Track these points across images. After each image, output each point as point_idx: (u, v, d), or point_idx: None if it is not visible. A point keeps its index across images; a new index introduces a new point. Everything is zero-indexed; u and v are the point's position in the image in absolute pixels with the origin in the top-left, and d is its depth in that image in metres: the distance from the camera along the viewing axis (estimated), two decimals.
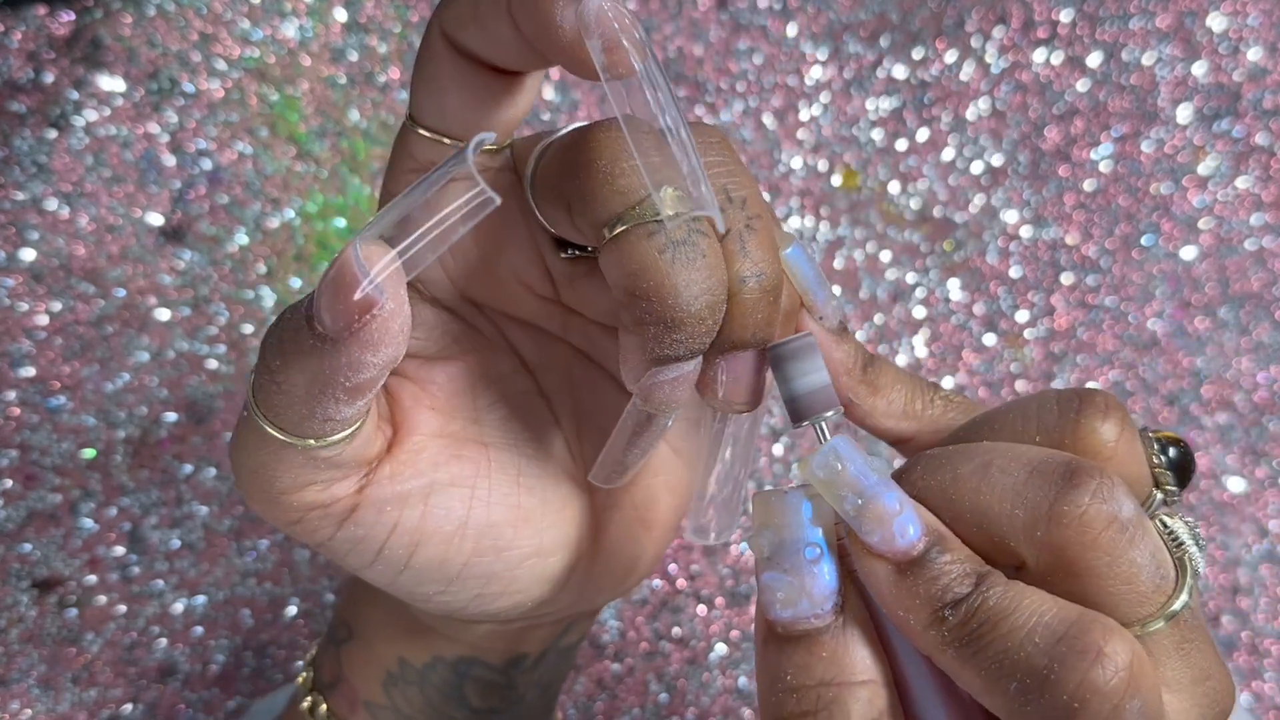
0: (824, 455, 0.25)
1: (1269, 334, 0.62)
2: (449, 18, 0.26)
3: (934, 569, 0.24)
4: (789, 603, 0.24)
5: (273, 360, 0.25)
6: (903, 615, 0.24)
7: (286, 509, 0.28)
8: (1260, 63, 0.64)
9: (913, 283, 0.63)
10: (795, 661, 0.24)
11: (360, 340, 0.23)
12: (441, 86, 0.27)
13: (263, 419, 0.26)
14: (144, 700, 0.57)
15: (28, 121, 0.62)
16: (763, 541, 0.25)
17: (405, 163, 0.29)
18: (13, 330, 0.60)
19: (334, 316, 0.23)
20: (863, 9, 0.65)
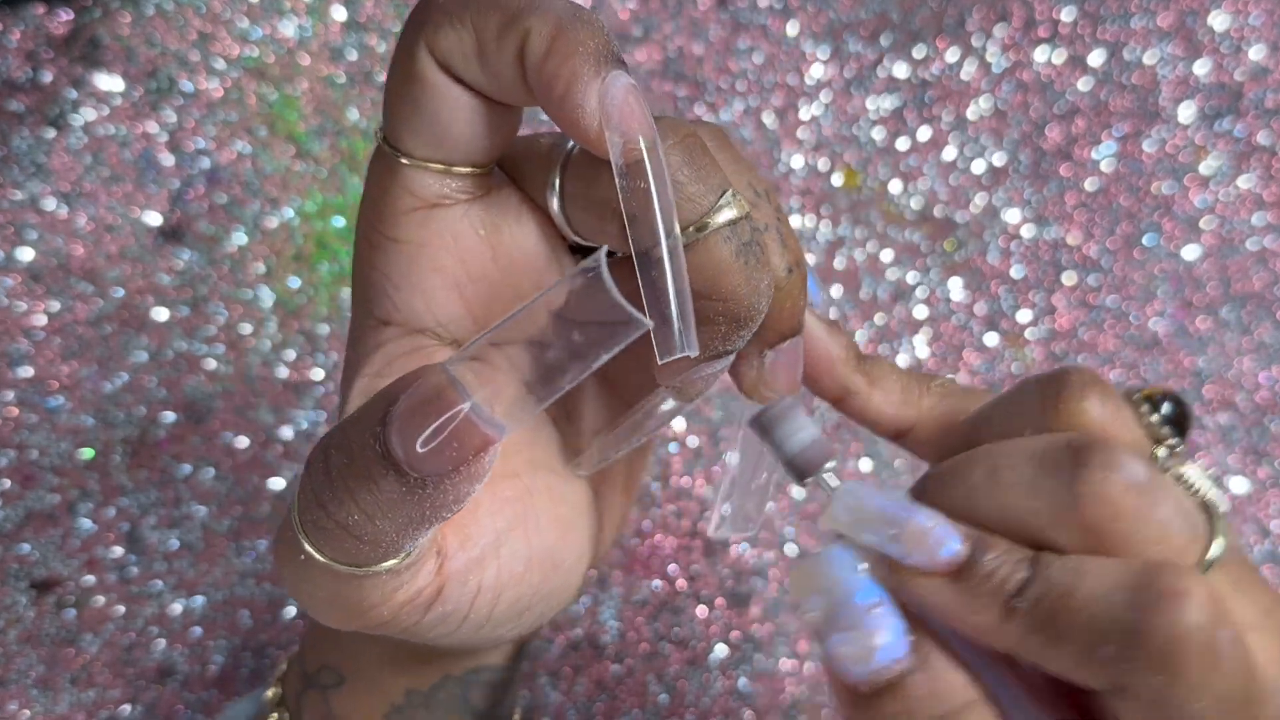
0: (841, 500, 0.25)
1: (1270, 334, 0.62)
2: (443, 47, 0.24)
3: (986, 567, 0.24)
4: (864, 657, 0.24)
5: (343, 514, 0.22)
6: (974, 621, 0.24)
7: (374, 620, 0.26)
8: (1262, 62, 0.64)
9: (914, 282, 0.63)
10: (896, 710, 0.24)
11: (470, 475, 0.21)
12: (436, 115, 0.25)
13: (334, 564, 0.23)
14: (142, 701, 0.57)
15: (26, 121, 0.62)
16: (814, 609, 0.25)
17: (404, 201, 0.26)
18: (11, 330, 0.60)
19: (441, 462, 0.21)
20: (863, 8, 0.65)
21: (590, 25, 0.23)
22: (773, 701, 0.58)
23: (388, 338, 0.27)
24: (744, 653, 0.59)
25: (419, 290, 0.27)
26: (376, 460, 0.21)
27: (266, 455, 0.60)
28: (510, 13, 0.23)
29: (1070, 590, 0.23)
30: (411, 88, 0.25)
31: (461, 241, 0.27)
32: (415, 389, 0.21)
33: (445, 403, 0.20)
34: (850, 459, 0.61)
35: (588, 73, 0.23)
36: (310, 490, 0.22)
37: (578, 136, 0.23)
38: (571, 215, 0.26)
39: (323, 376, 0.61)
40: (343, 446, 0.22)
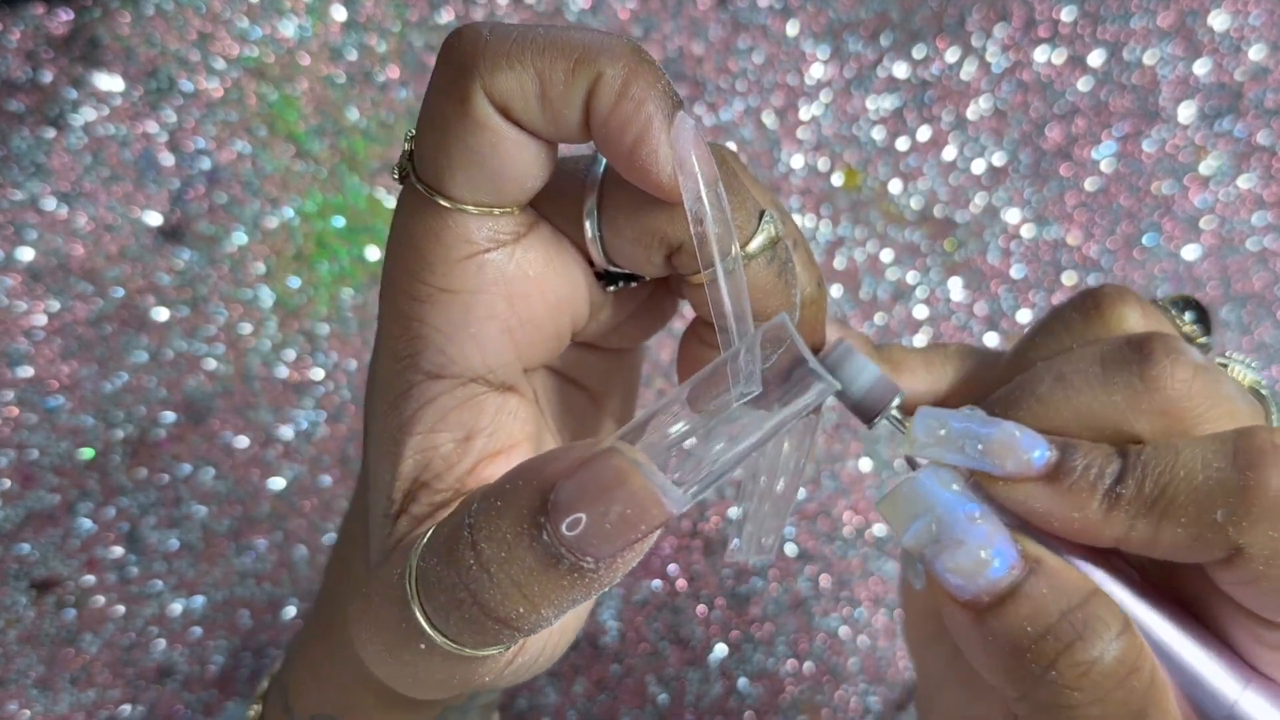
0: (920, 427, 0.26)
1: (1270, 334, 0.62)
2: (502, 90, 0.23)
3: (1079, 464, 0.25)
4: (979, 569, 0.24)
5: (507, 609, 0.21)
6: (1078, 518, 0.24)
7: (474, 688, 0.25)
8: (1262, 62, 0.64)
9: (914, 282, 0.63)
10: (1024, 613, 0.24)
11: (639, 550, 0.21)
12: (492, 159, 0.24)
13: (465, 649, 0.23)
14: (142, 701, 0.57)
15: (26, 120, 0.61)
16: (920, 534, 0.25)
17: (457, 249, 0.25)
18: (11, 330, 0.60)
19: (618, 545, 0.20)
20: (863, 7, 0.65)
21: (654, 67, 0.23)
22: (773, 701, 0.58)
23: (438, 391, 0.26)
24: (744, 653, 0.59)
25: (474, 340, 0.26)
26: (544, 550, 0.20)
27: (266, 455, 0.60)
28: (577, 56, 0.23)
29: (1170, 467, 0.24)
30: (465, 131, 0.24)
31: (513, 285, 0.26)
32: (587, 472, 0.20)
33: (631, 486, 0.20)
34: (850, 459, 0.61)
35: (660, 121, 0.23)
36: (457, 587, 0.21)
37: (646, 184, 0.23)
38: (610, 244, 0.26)
39: (322, 376, 0.61)
40: (495, 538, 0.21)
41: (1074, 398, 0.26)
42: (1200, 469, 0.24)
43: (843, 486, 0.61)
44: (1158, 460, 0.24)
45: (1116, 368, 0.26)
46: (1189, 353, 0.26)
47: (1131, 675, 0.23)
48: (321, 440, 0.60)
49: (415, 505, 0.26)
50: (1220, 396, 0.25)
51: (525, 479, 0.21)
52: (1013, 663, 0.24)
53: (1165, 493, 0.24)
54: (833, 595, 0.59)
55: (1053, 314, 0.29)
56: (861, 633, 0.59)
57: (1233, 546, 0.24)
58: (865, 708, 0.58)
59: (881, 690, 0.59)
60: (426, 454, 0.26)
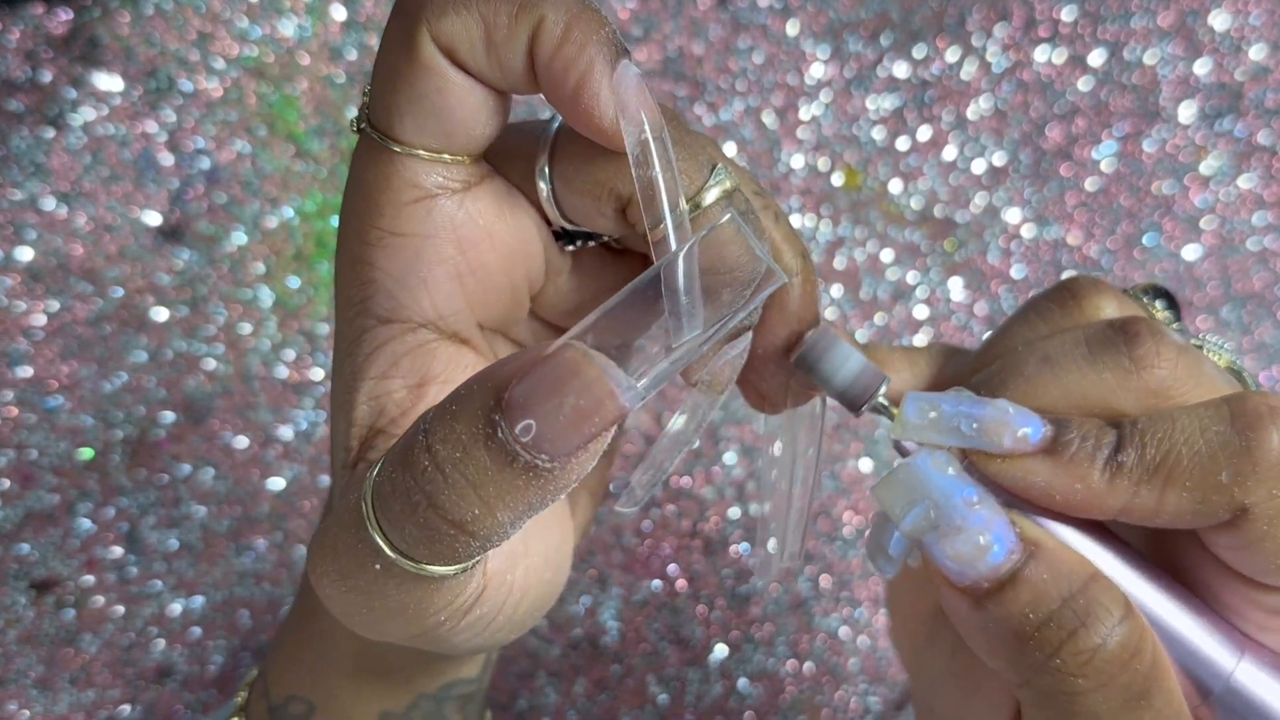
0: (911, 409, 0.25)
1: (1271, 334, 0.62)
2: (448, 33, 0.24)
3: (1074, 436, 0.25)
4: (979, 555, 0.24)
5: (462, 510, 0.21)
6: (1080, 490, 0.25)
7: (428, 629, 0.25)
8: (1263, 61, 0.64)
9: (914, 282, 0.63)
10: (1025, 599, 0.23)
11: (594, 451, 0.20)
12: (439, 103, 0.24)
13: (421, 567, 0.22)
14: (142, 701, 0.57)
15: (25, 120, 0.61)
16: (918, 520, 0.24)
17: (405, 193, 0.26)
18: (10, 330, 0.59)
19: (572, 440, 0.20)
20: (863, 7, 0.65)
21: (598, 15, 0.23)
22: (773, 701, 0.58)
23: (389, 336, 0.27)
24: (744, 653, 0.59)
25: (424, 284, 0.26)
26: (499, 449, 0.20)
27: (266, 455, 0.60)
28: (520, 1, 0.23)
29: (1169, 434, 0.24)
30: (413, 75, 0.24)
31: (462, 231, 0.26)
32: (542, 368, 0.20)
33: (584, 377, 0.20)
34: (850, 459, 0.61)
35: (601, 65, 0.23)
36: (413, 490, 0.21)
37: (589, 129, 0.23)
38: (563, 200, 0.26)
39: (322, 376, 0.61)
40: (450, 439, 0.20)
41: (1063, 377, 0.26)
42: (1200, 433, 0.24)
43: (843, 486, 0.61)
44: (1156, 428, 0.24)
45: (1103, 349, 0.26)
46: (1172, 334, 0.26)
47: (1134, 659, 0.23)
48: (321, 440, 0.60)
49: (372, 452, 0.26)
50: (1203, 375, 0.26)
51: (479, 381, 0.21)
52: (1015, 650, 0.24)
53: (1168, 458, 0.24)
54: (833, 595, 0.59)
55: (1029, 305, 0.29)
56: (861, 633, 0.59)
57: (1238, 508, 0.24)
58: (865, 708, 0.58)
59: (881, 690, 0.59)
60: (380, 400, 0.26)
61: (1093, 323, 0.27)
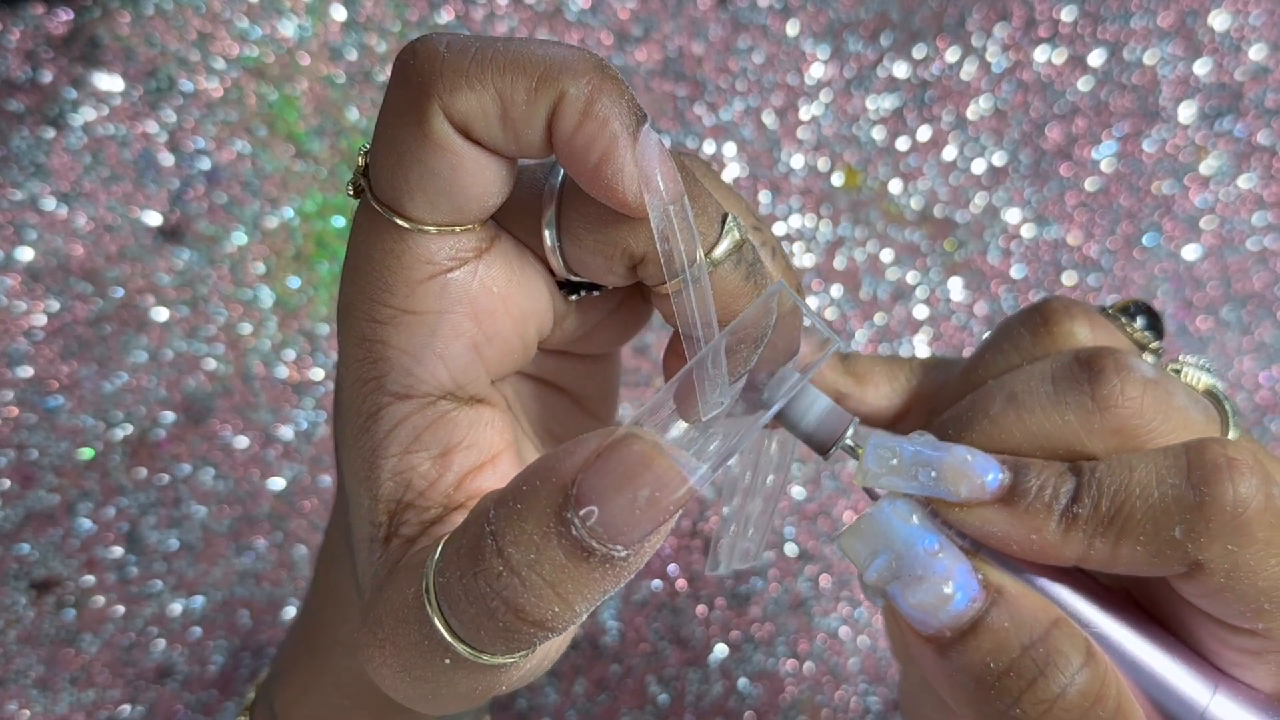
0: (873, 454, 0.25)
1: (1271, 334, 0.62)
2: (462, 110, 0.22)
3: (1033, 484, 0.24)
4: (941, 604, 0.24)
5: (542, 611, 0.21)
6: (1036, 540, 0.24)
7: (496, 693, 0.25)
8: (1262, 61, 0.64)
9: (914, 282, 0.63)
10: (986, 648, 0.23)
11: (664, 532, 0.21)
12: (452, 179, 0.23)
13: (493, 659, 0.22)
14: (142, 701, 0.57)
15: (25, 120, 0.61)
16: (881, 570, 0.24)
17: (418, 270, 0.25)
18: (10, 330, 0.59)
19: (645, 529, 0.20)
20: (863, 7, 0.65)
21: (618, 82, 0.23)
22: (773, 701, 0.58)
23: (408, 411, 0.26)
24: (744, 653, 0.59)
25: (441, 360, 0.25)
26: (574, 545, 0.20)
27: (266, 455, 0.60)
28: (539, 75, 0.22)
29: (1125, 485, 0.24)
30: (424, 153, 0.23)
31: (478, 303, 0.25)
32: (611, 460, 0.20)
33: (656, 469, 0.20)
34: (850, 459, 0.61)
35: (625, 139, 0.22)
36: (489, 596, 0.21)
37: (611, 202, 0.23)
38: (571, 254, 0.25)
39: (322, 376, 0.61)
40: (522, 541, 0.20)
41: (1026, 418, 0.26)
42: (1155, 485, 0.24)
43: (842, 486, 0.61)
44: (1112, 477, 0.24)
45: (1067, 386, 0.26)
46: (1138, 368, 0.25)
47: (1096, 705, 0.23)
48: (321, 440, 0.60)
49: (405, 527, 0.26)
50: (1172, 409, 0.25)
51: (543, 477, 0.21)
52: (977, 697, 0.24)
53: (1121, 511, 0.24)
54: (833, 595, 0.59)
55: (1001, 330, 0.29)
56: (861, 633, 0.59)
57: (1191, 562, 0.24)
58: (865, 708, 0.58)
59: (881, 690, 0.59)
60: (405, 475, 0.26)
61: (1060, 355, 0.27)
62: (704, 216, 0.24)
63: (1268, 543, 0.23)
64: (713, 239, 0.24)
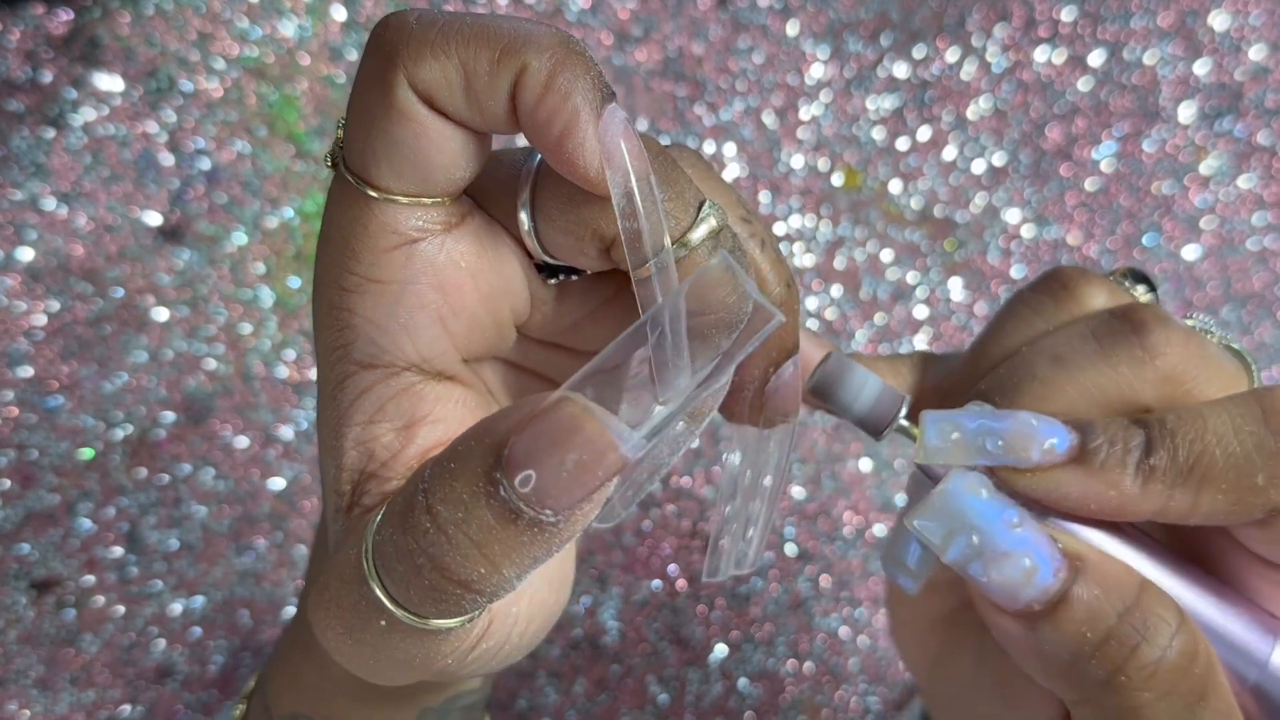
0: (933, 433, 0.25)
1: (1270, 334, 0.62)
2: (425, 79, 0.23)
3: (1102, 441, 0.24)
4: (1027, 578, 0.23)
5: (467, 570, 0.21)
6: (1115, 497, 0.24)
7: (435, 671, 0.25)
8: (1262, 62, 0.64)
9: (914, 282, 0.63)
10: (1080, 619, 0.23)
11: (597, 501, 0.20)
12: (417, 149, 0.24)
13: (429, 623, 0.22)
14: (142, 701, 0.57)
15: (25, 120, 0.61)
16: (964, 550, 0.24)
17: (384, 239, 0.25)
18: (10, 330, 0.59)
19: (576, 494, 0.20)
20: (863, 7, 0.65)
21: (583, 57, 0.23)
22: (773, 701, 0.58)
23: (373, 381, 0.26)
24: (744, 653, 0.59)
25: (405, 330, 0.26)
26: (502, 506, 0.20)
27: (266, 455, 0.60)
28: (502, 46, 0.22)
29: (1200, 435, 0.24)
30: (389, 122, 0.23)
31: (444, 275, 0.25)
32: (542, 423, 0.20)
33: (587, 432, 0.20)
34: (850, 459, 0.61)
35: (587, 113, 0.22)
36: (416, 552, 0.21)
37: (574, 177, 0.23)
38: (545, 236, 0.26)
39: None
40: (451, 499, 0.20)
41: (1077, 375, 0.26)
42: (1233, 434, 0.24)
43: (843, 486, 0.61)
44: (1186, 428, 0.24)
45: (1113, 341, 0.26)
46: (1174, 321, 0.26)
47: (1193, 663, 0.23)
48: None
49: (366, 497, 0.26)
50: (1211, 358, 0.26)
51: (478, 438, 0.21)
52: (1075, 669, 0.23)
53: (1201, 460, 0.24)
54: (833, 595, 0.59)
55: (1018, 300, 0.29)
56: (861, 633, 0.59)
57: (1273, 508, 0.24)
58: (865, 708, 0.58)
59: (881, 690, 0.59)
60: (368, 445, 0.26)
61: (1093, 314, 0.27)
62: (678, 200, 0.24)
63: None
64: (686, 223, 0.24)
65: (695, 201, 0.24)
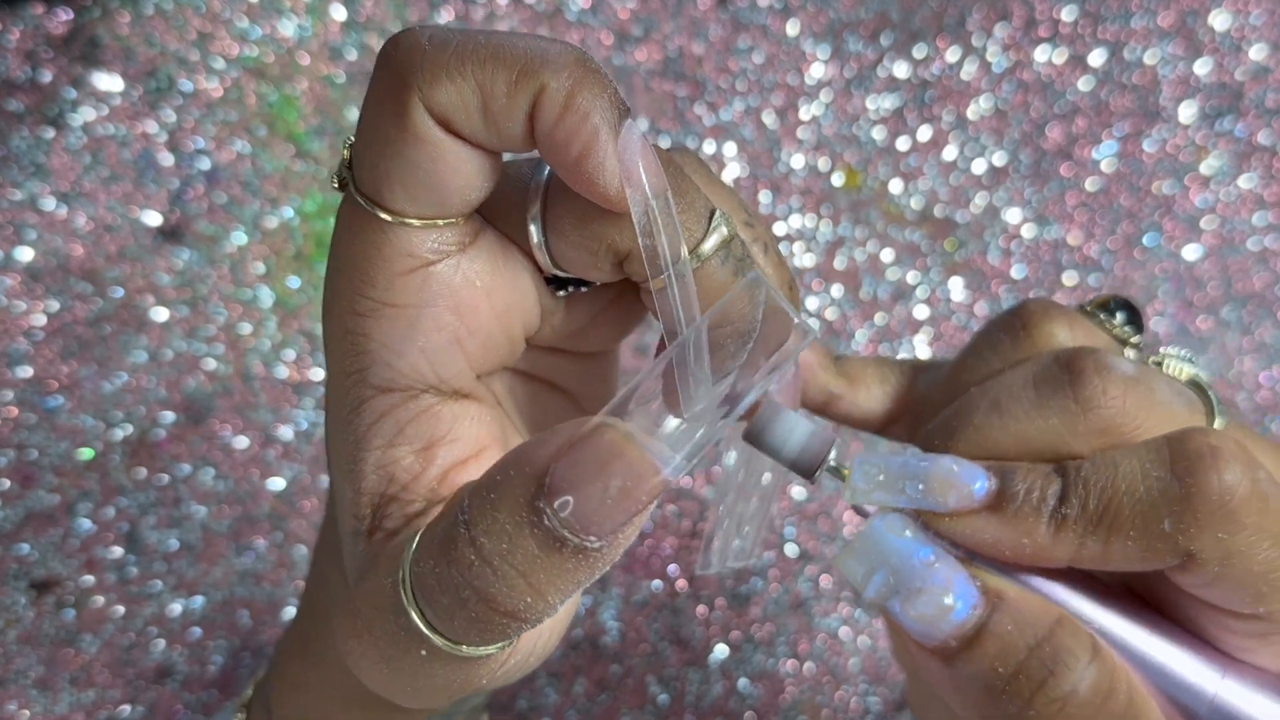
0: (860, 471, 0.26)
1: (1271, 334, 0.62)
2: (442, 102, 0.22)
3: (1020, 488, 0.25)
4: (942, 614, 0.24)
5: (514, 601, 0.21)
6: (1027, 544, 0.24)
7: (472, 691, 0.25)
8: (1263, 61, 0.64)
9: (914, 282, 0.63)
10: (992, 653, 0.24)
11: (638, 523, 0.21)
12: (433, 172, 0.23)
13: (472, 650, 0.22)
14: (142, 701, 0.57)
15: (25, 120, 0.61)
16: (880, 586, 0.25)
17: (399, 263, 0.24)
18: (10, 330, 0.59)
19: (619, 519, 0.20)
20: (863, 7, 0.65)
21: (599, 75, 0.22)
22: (773, 702, 0.58)
23: (391, 404, 0.26)
24: (744, 653, 0.59)
25: (422, 353, 0.25)
26: (546, 535, 0.20)
27: (266, 455, 0.60)
28: (519, 67, 0.22)
29: (1110, 482, 0.24)
30: (405, 145, 0.23)
31: (460, 296, 0.25)
32: (583, 451, 0.20)
33: (628, 457, 0.20)
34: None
35: (606, 133, 0.22)
36: (461, 586, 0.21)
37: (593, 195, 0.23)
38: (556, 250, 0.25)
39: (322, 376, 0.61)
40: (494, 531, 0.20)
41: (1011, 424, 0.26)
42: (1140, 479, 0.24)
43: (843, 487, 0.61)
44: (1098, 475, 0.24)
45: (1049, 390, 0.26)
46: (1119, 366, 0.25)
47: (1109, 700, 0.23)
48: (321, 440, 0.60)
49: (388, 520, 0.26)
50: (1155, 404, 0.25)
51: (517, 467, 0.21)
52: (988, 703, 0.24)
53: (1110, 508, 0.24)
54: (833, 595, 0.59)
55: (981, 335, 0.29)
56: (861, 633, 0.59)
57: (1184, 553, 0.24)
58: (865, 708, 0.58)
59: (881, 690, 0.59)
60: (388, 468, 0.26)
61: (1041, 358, 0.27)
62: (690, 211, 0.24)
63: (1258, 528, 0.23)
64: (699, 235, 0.24)
65: (706, 211, 0.24)
